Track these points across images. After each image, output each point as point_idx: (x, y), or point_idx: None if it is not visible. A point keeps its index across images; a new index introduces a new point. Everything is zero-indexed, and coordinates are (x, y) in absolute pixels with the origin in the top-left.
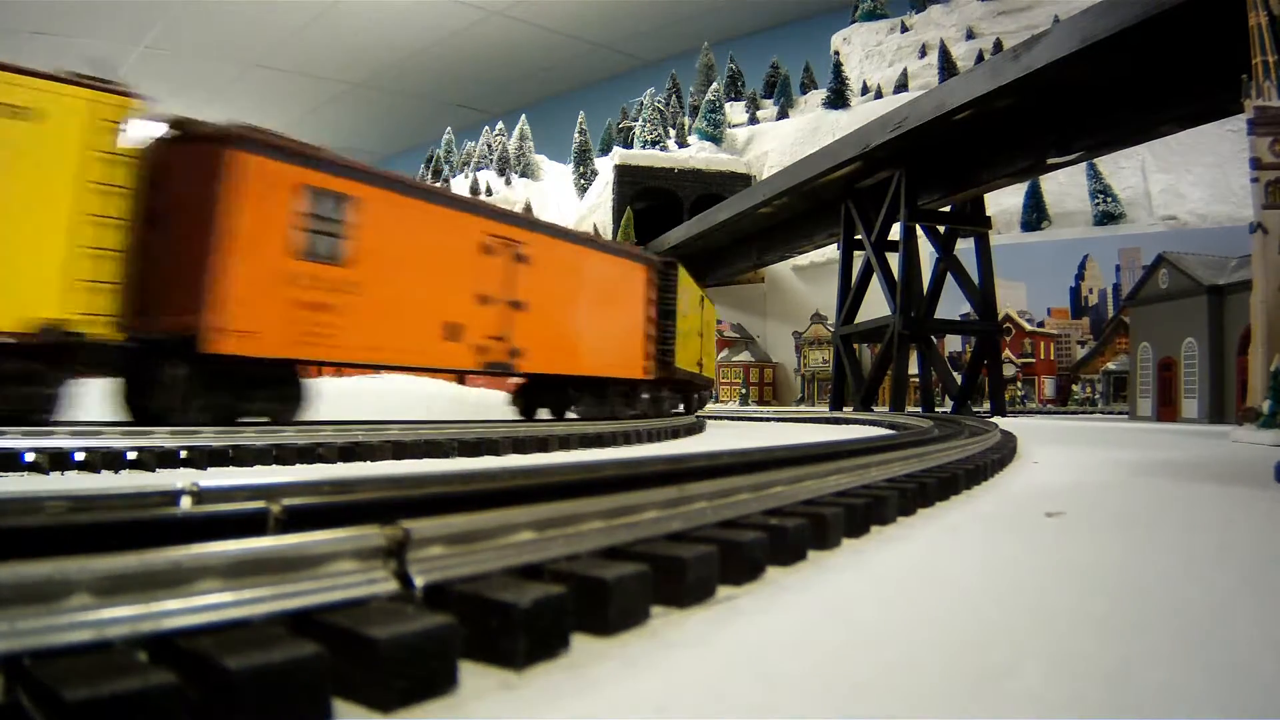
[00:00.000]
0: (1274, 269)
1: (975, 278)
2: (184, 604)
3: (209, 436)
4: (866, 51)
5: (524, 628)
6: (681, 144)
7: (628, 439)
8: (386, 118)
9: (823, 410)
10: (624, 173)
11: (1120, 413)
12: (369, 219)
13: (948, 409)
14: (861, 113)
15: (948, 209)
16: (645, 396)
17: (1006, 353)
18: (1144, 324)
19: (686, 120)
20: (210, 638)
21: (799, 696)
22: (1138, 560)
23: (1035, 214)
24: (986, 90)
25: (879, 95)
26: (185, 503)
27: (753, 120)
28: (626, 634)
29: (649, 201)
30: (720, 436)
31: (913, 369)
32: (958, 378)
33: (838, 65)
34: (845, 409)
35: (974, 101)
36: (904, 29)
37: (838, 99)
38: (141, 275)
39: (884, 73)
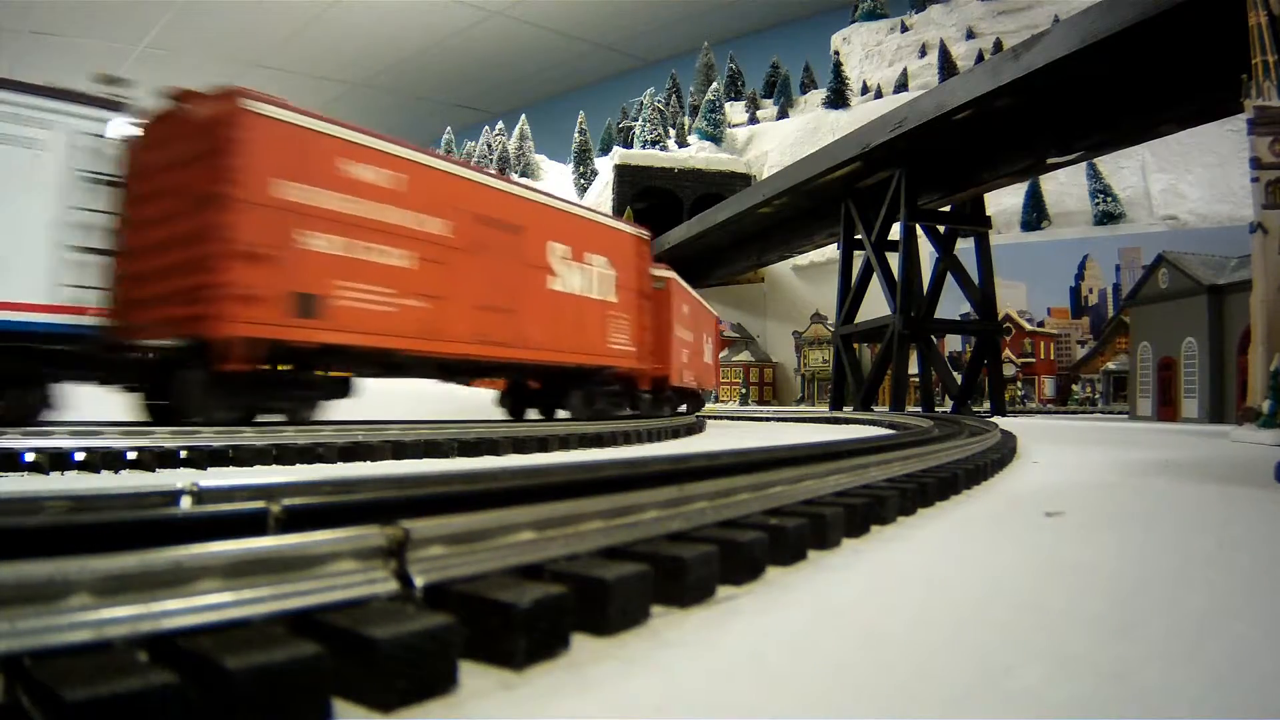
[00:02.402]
0: (1274, 269)
1: (975, 278)
2: (184, 604)
3: (209, 436)
4: (866, 51)
5: (524, 628)
6: (681, 144)
7: (628, 439)
8: (386, 118)
9: (823, 410)
10: (624, 172)
11: (1120, 412)
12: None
13: (948, 409)
14: (861, 113)
15: (948, 209)
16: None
17: (1006, 353)
18: (1144, 324)
19: (686, 120)
20: (210, 638)
21: (799, 697)
22: (1137, 560)
23: (1035, 214)
24: (986, 90)
25: (879, 95)
26: (185, 503)
27: (753, 120)
28: (626, 634)
29: (649, 201)
30: (720, 436)
31: (913, 369)
32: (958, 378)
33: (838, 65)
34: (845, 409)
35: (974, 101)
36: (904, 29)
37: (838, 99)
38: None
39: (884, 73)
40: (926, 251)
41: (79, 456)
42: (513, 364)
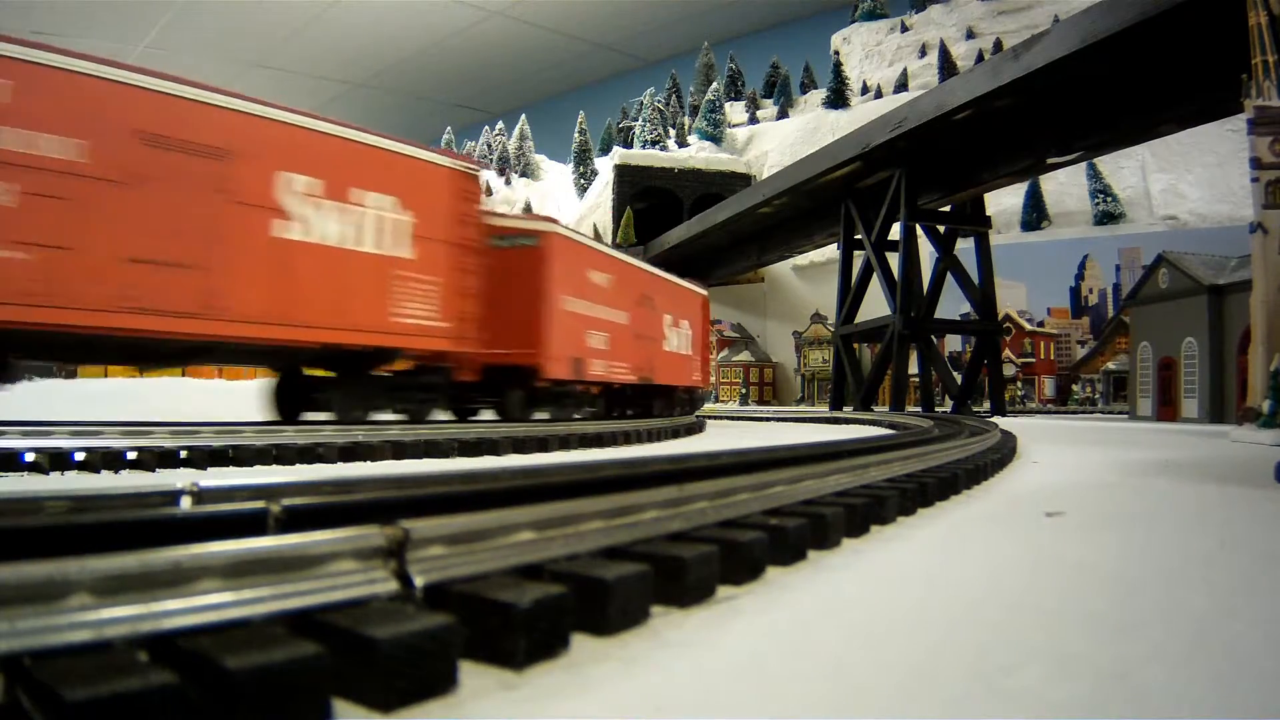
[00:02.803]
0: (1274, 269)
1: (975, 278)
2: (184, 604)
3: (209, 436)
4: (866, 51)
5: (524, 628)
6: (681, 144)
7: (628, 439)
8: (386, 118)
9: (823, 410)
10: (624, 172)
11: (1120, 412)
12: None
13: (948, 409)
14: (861, 113)
15: (948, 209)
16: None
17: (1006, 353)
18: (1144, 324)
19: (686, 120)
20: (210, 638)
21: (799, 697)
22: (1137, 560)
23: (1035, 214)
24: (986, 90)
25: (879, 95)
26: (185, 503)
27: (753, 120)
28: (626, 634)
29: (649, 201)
30: (720, 436)
31: (913, 369)
32: (958, 378)
33: (838, 65)
34: (845, 409)
35: (974, 101)
36: (904, 29)
37: (838, 99)
38: None
39: (884, 72)
40: (926, 251)
41: (79, 456)
42: (204, 344)
